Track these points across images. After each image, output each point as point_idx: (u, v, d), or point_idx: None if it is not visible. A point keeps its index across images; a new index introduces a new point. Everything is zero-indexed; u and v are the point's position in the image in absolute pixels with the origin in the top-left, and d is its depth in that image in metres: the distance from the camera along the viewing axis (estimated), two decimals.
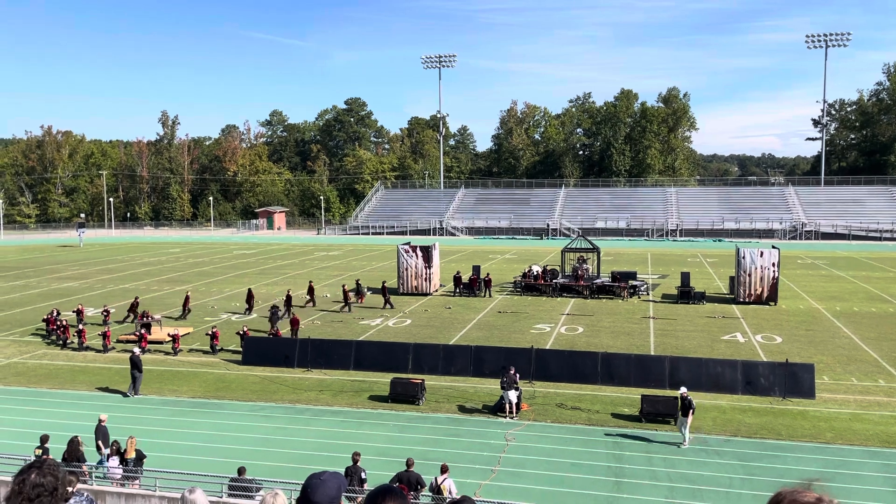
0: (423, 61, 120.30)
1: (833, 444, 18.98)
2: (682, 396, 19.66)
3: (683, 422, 19.29)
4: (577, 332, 32.99)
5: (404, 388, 22.84)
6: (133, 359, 24.14)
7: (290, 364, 26.89)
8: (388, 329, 33.96)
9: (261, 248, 79.64)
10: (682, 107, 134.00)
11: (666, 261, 64.40)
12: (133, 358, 24.16)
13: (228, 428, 20.59)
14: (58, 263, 64.79)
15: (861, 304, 40.61)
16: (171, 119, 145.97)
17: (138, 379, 24.00)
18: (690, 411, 19.21)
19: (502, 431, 20.10)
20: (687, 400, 19.33)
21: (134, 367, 23.98)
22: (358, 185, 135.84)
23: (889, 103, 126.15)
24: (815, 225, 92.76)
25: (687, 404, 19.27)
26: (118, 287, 48.69)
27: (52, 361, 28.47)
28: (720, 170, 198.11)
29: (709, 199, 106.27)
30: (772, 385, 23.07)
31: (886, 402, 22.60)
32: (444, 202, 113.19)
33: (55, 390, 24.56)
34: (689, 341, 31.02)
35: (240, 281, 50.61)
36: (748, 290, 40.04)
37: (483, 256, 68.23)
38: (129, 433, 17.43)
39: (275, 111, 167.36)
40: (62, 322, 31.71)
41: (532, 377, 24.64)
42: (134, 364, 24.01)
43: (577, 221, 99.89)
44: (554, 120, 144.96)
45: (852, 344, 30.52)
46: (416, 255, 43.90)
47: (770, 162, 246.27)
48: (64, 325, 31.41)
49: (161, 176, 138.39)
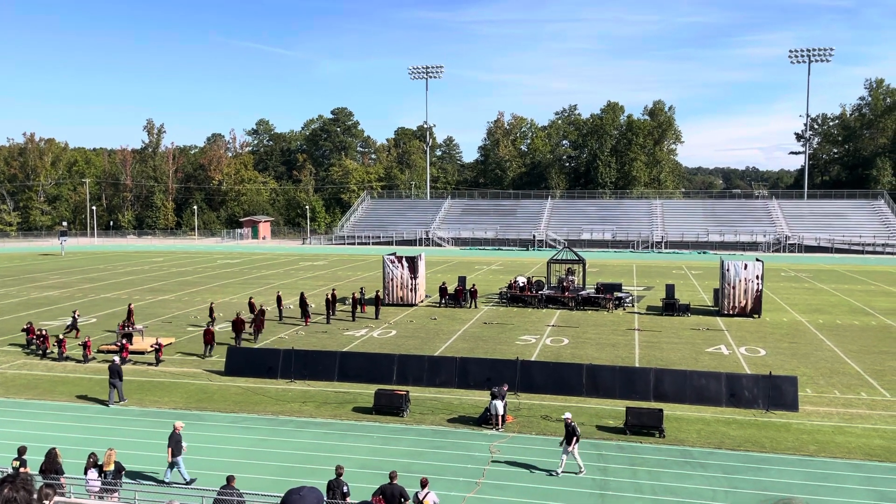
0: (409, 72, 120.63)
1: (816, 457, 19.02)
2: (565, 423, 18.31)
3: (566, 449, 17.91)
4: (563, 344, 32.97)
5: (389, 400, 22.69)
6: (113, 367, 23.88)
7: (273, 375, 26.66)
8: (373, 340, 33.80)
9: (245, 258, 79.21)
10: (667, 120, 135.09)
11: (651, 273, 64.65)
12: (113, 367, 23.91)
13: (210, 440, 20.33)
14: (39, 272, 64.09)
15: (844, 316, 40.91)
16: (156, 127, 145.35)
17: (119, 386, 23.81)
18: (574, 439, 17.86)
19: (487, 443, 19.99)
20: (570, 426, 18.00)
21: (114, 375, 23.73)
22: (344, 195, 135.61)
23: (871, 118, 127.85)
24: (799, 238, 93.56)
25: (570, 431, 17.94)
26: (100, 296, 48.20)
27: (31, 371, 28.07)
28: (705, 182, 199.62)
29: (694, 211, 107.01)
30: (755, 397, 23.13)
31: (868, 414, 22.72)
32: (430, 213, 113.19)
33: (34, 401, 24.19)
34: (674, 353, 31.08)
35: (223, 291, 50.25)
36: (732, 303, 40.22)
37: (469, 267, 68.20)
38: (108, 445, 17.17)
39: (261, 120, 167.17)
40: (42, 332, 31.30)
41: (517, 389, 24.56)
42: (114, 373, 23.76)
43: (563, 233, 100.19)
44: (540, 132, 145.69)
45: (835, 356, 30.69)
46: (401, 266, 43.78)
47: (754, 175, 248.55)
48: (44, 334, 31.00)
49: (145, 184, 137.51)
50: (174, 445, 17.54)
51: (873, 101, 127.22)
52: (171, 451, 17.50)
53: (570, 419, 18.30)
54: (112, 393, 23.81)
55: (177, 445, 17.56)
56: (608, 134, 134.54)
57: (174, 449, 17.52)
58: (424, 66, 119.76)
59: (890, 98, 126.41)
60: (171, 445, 17.54)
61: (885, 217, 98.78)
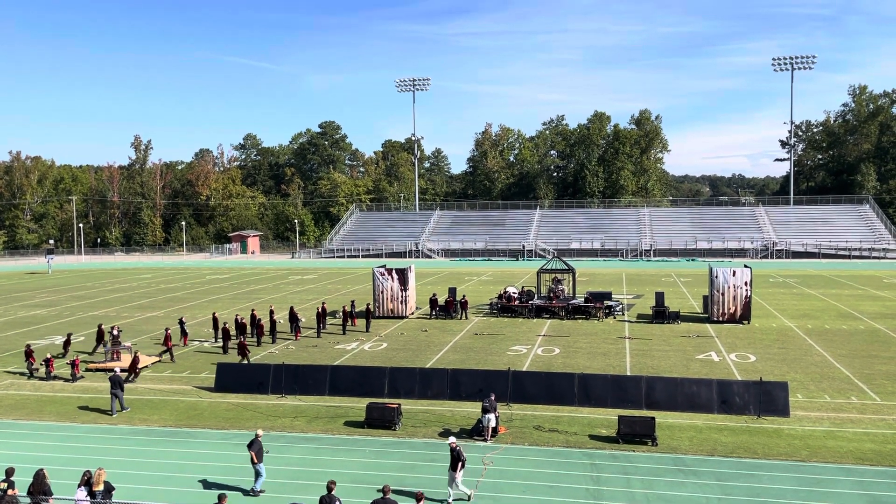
0: (397, 84, 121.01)
1: (808, 462, 19.06)
2: (450, 448, 16.91)
3: (452, 477, 16.66)
4: (554, 354, 32.96)
5: (380, 413, 22.58)
6: (114, 378, 24.54)
7: (264, 390, 26.50)
8: (364, 353, 33.68)
9: (234, 273, 78.89)
10: (653, 128, 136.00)
11: (640, 281, 64.83)
12: (114, 378, 24.56)
13: (200, 457, 20.16)
14: (25, 291, 63.57)
15: (832, 321, 41.13)
16: (143, 143, 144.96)
17: (120, 396, 24.53)
18: (459, 464, 16.55)
19: (480, 455, 19.92)
20: (455, 451, 16.67)
21: (115, 386, 24.41)
22: (332, 209, 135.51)
23: (855, 124, 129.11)
24: (786, 244, 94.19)
25: (455, 456, 16.62)
26: (87, 314, 47.84)
27: (18, 392, 27.77)
28: (692, 190, 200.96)
29: (681, 219, 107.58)
30: (747, 404, 23.17)
31: (859, 418, 22.80)
32: (419, 224, 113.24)
33: (21, 421, 23.92)
34: (665, 361, 31.13)
35: (212, 307, 49.96)
36: (722, 310, 40.37)
37: (459, 278, 68.18)
38: (97, 464, 16.98)
39: (248, 135, 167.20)
40: (28, 349, 30.99)
41: (509, 399, 24.51)
42: (115, 383, 24.43)
43: (552, 242, 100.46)
44: (528, 142, 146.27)
45: (825, 361, 30.83)
46: (391, 278, 43.72)
47: (740, 182, 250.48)
48: (30, 352, 30.67)
49: (133, 201, 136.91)
50: (256, 452, 17.62)
51: (857, 107, 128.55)
52: (255, 456, 17.54)
53: (454, 444, 16.89)
54: (114, 402, 24.41)
55: (258, 452, 17.65)
56: (595, 143, 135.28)
57: (257, 454, 17.58)
58: (411, 78, 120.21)
59: (873, 104, 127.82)
60: (254, 451, 17.62)
61: (870, 222, 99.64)
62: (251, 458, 17.57)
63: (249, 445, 17.79)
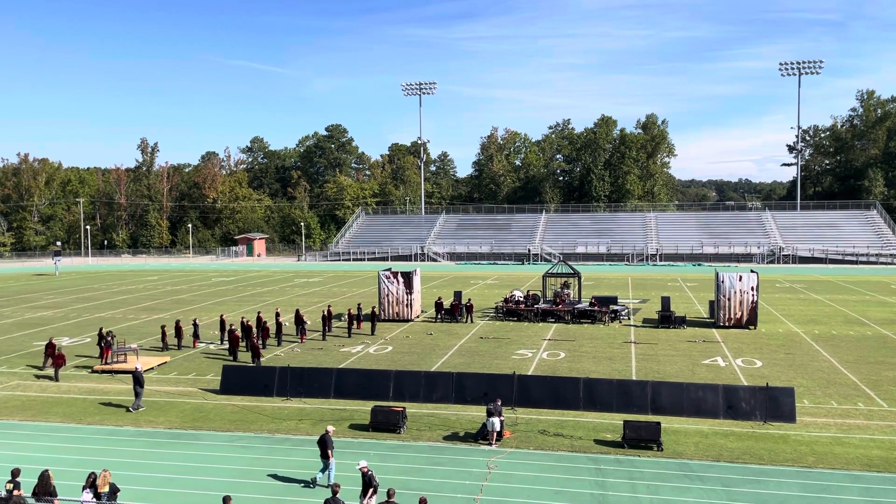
0: (403, 88, 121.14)
1: (815, 468, 18.96)
2: (361, 472, 15.52)
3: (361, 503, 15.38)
4: (559, 358, 32.91)
5: (385, 417, 22.57)
6: (136, 375, 25.29)
7: (269, 393, 26.52)
8: (369, 356, 33.68)
9: (240, 276, 79.04)
10: (660, 133, 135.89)
11: (646, 285, 64.70)
12: (136, 374, 25.32)
13: (206, 459, 20.18)
14: (33, 292, 63.82)
15: (839, 327, 40.96)
16: (150, 146, 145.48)
17: (140, 393, 25.17)
18: (371, 490, 15.22)
19: (485, 459, 19.89)
20: (367, 475, 15.34)
21: (136, 382, 25.13)
22: (339, 212, 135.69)
23: (862, 129, 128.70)
24: (793, 249, 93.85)
25: (367, 481, 15.32)
26: (94, 316, 47.99)
27: (24, 393, 27.87)
28: (698, 195, 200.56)
29: (687, 223, 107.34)
30: (753, 409, 23.09)
31: (866, 425, 22.69)
32: (425, 228, 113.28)
33: (28, 422, 24.00)
34: (671, 366, 31.04)
35: (218, 309, 50.05)
36: (728, 314, 40.25)
37: (464, 282, 68.16)
38: (103, 466, 17.01)
39: (255, 138, 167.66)
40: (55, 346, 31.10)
41: (514, 403, 24.48)
42: (136, 380, 25.16)
43: (558, 246, 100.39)
44: (534, 146, 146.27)
45: (831, 367, 30.70)
46: (397, 282, 43.74)
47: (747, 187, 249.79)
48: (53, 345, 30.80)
49: (139, 203, 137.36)
50: (330, 446, 18.03)
51: (864, 112, 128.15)
52: (331, 453, 17.97)
53: (365, 467, 15.53)
54: (138, 399, 25.22)
55: (330, 446, 18.07)
56: (601, 148, 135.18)
57: (330, 450, 18.01)
58: (417, 82, 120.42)
59: (881, 109, 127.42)
60: (330, 447, 18.02)
61: (877, 227, 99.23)
62: (324, 454, 17.96)
63: (320, 442, 18.19)
